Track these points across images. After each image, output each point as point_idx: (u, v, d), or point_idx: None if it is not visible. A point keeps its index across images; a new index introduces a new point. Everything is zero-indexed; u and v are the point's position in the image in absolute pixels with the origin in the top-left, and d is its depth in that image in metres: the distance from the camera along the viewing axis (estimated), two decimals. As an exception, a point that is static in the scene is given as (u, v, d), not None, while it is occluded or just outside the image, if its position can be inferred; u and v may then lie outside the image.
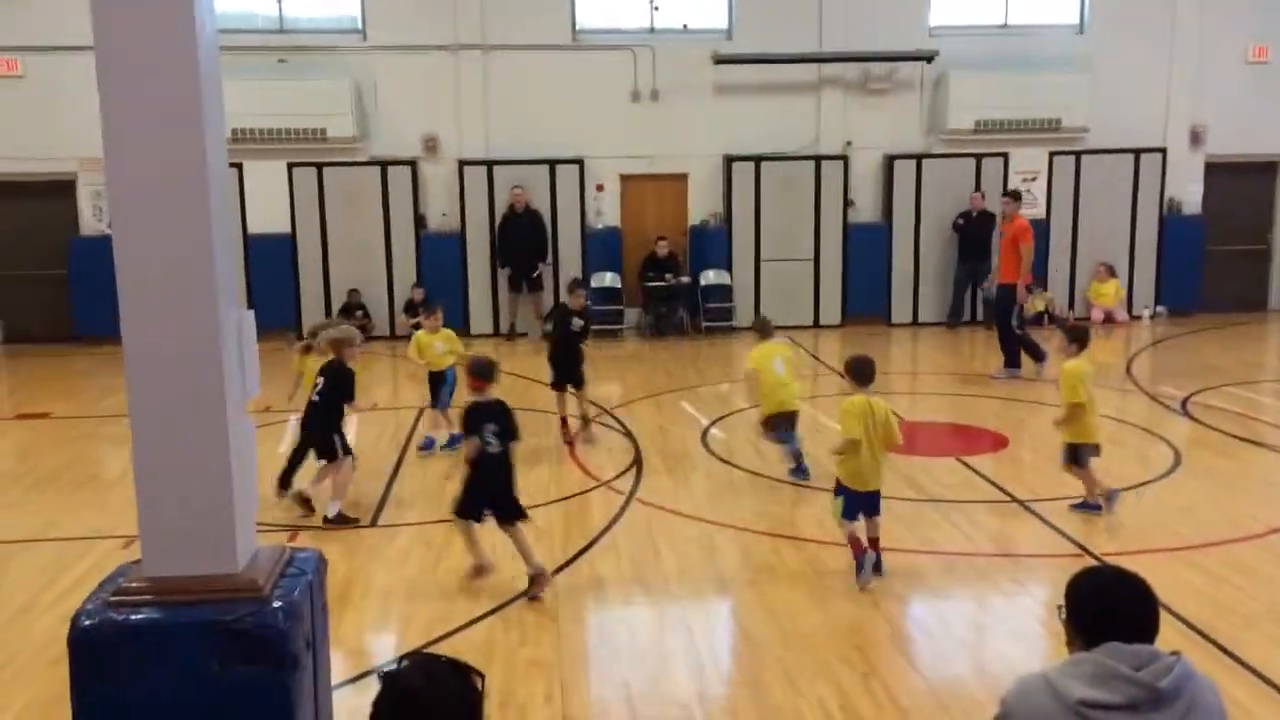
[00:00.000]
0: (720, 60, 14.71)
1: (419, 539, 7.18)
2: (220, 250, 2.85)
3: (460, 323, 14.59)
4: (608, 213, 15.17)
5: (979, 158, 14.94)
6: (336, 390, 7.53)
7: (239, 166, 13.95)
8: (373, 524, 7.51)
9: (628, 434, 9.73)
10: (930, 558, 6.70)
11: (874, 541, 6.33)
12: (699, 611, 6.15)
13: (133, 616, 2.71)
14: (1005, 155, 14.92)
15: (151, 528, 2.84)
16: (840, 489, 6.35)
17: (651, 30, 15.02)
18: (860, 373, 6.46)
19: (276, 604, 2.78)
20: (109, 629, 2.67)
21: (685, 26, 14.99)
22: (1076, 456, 7.29)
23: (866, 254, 14.99)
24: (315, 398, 7.57)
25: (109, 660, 2.63)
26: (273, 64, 14.14)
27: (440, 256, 14.51)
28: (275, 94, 13.99)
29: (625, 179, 15.17)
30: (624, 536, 7.21)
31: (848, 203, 14.98)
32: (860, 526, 6.34)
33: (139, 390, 2.80)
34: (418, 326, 10.27)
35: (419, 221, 14.72)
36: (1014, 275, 11.47)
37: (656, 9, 14.96)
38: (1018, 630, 5.82)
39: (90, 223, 14.23)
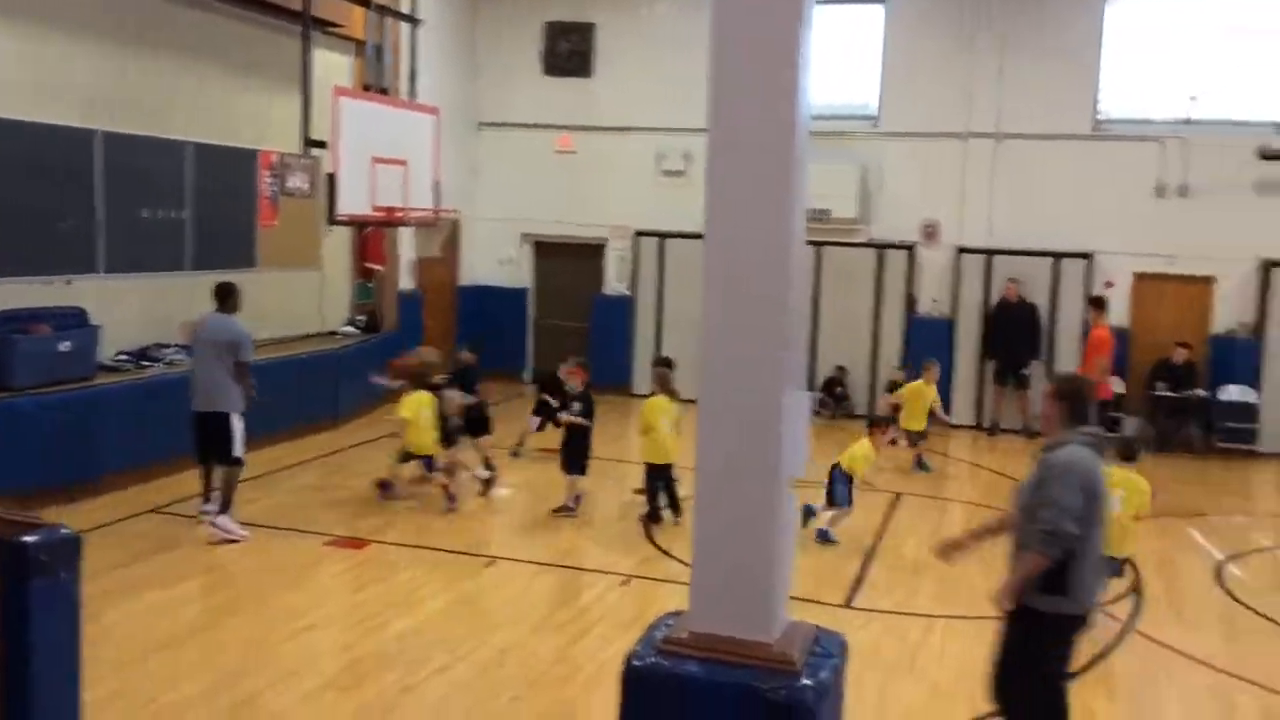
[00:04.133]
0: (1268, 156, 13.26)
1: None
2: (793, 334, 2.99)
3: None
4: (1116, 312, 14.15)
5: None
6: None
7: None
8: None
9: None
10: None
11: None
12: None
13: (681, 667, 2.89)
14: None
15: (701, 585, 3.02)
16: None
17: (1187, 121, 13.91)
18: None
19: (808, 681, 2.84)
20: (660, 674, 2.86)
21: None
22: None
23: None
24: None
25: (657, 702, 2.82)
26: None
27: (928, 341, 14.31)
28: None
29: (1140, 278, 14.08)
30: (1121, 670, 6.60)
31: None
32: None
33: (705, 456, 3.01)
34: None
35: (909, 304, 14.68)
36: None
37: (1193, 99, 13.84)
38: None
39: (612, 283, 15.74)
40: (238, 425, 8.19)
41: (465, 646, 6.38)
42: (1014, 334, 13.91)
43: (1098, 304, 11.87)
